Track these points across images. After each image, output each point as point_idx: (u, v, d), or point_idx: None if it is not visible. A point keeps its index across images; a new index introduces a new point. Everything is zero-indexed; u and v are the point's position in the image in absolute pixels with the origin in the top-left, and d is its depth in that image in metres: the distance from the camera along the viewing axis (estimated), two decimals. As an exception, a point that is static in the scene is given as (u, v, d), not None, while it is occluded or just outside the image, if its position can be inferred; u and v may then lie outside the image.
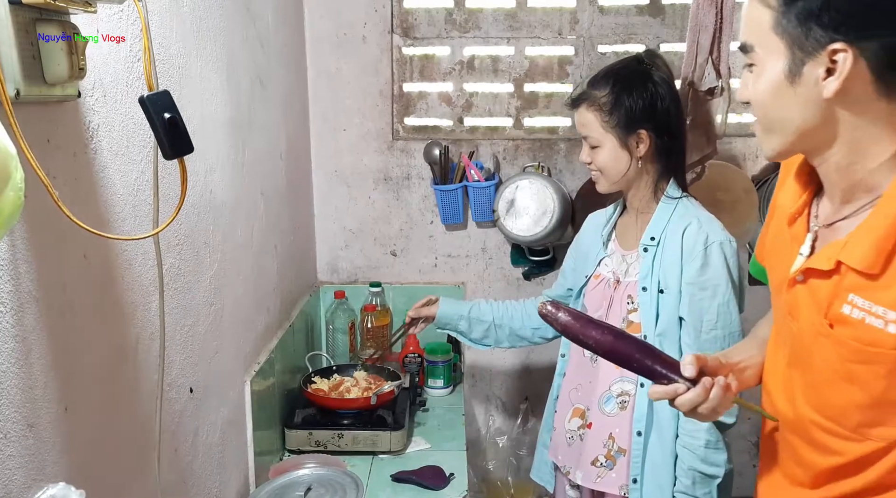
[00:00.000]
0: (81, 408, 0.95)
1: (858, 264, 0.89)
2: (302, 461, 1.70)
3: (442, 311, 1.90)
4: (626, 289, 1.60)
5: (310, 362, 2.15)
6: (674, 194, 1.59)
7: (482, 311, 1.89)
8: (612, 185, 1.62)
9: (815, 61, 0.86)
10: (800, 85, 0.88)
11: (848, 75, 0.84)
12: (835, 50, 0.84)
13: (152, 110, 0.91)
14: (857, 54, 0.83)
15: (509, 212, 2.28)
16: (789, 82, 0.89)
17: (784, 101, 0.90)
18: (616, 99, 1.55)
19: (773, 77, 0.90)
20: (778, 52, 0.88)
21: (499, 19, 2.32)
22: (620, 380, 1.59)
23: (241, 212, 1.62)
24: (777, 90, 0.90)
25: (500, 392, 2.53)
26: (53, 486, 0.86)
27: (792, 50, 0.87)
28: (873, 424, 0.92)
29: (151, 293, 1.14)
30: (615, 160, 1.57)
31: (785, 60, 0.88)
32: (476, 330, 1.89)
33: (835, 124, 0.89)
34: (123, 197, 1.06)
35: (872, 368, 0.90)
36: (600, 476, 1.61)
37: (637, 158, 1.57)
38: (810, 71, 0.87)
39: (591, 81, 1.60)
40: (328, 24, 2.32)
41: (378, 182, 2.43)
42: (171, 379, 1.23)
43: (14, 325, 0.81)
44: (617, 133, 1.56)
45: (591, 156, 1.61)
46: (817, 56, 0.85)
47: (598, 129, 1.57)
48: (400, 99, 2.39)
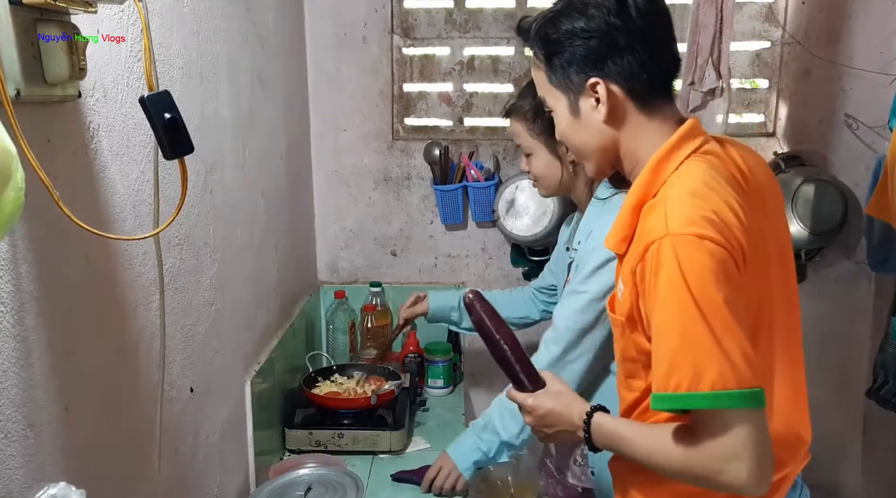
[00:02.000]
0: (82, 408, 0.95)
1: (614, 248, 1.11)
2: (302, 461, 1.71)
3: (433, 306, 1.95)
4: None
5: (310, 362, 2.15)
6: (601, 195, 1.57)
7: None
8: (552, 191, 1.66)
9: (584, 96, 1.09)
10: (582, 117, 1.11)
11: (609, 100, 1.07)
12: (592, 84, 1.07)
13: (152, 110, 0.91)
14: (609, 83, 1.06)
15: (509, 212, 2.28)
16: (574, 117, 1.12)
17: (578, 132, 1.13)
18: (538, 106, 1.53)
19: (564, 117, 1.14)
20: (559, 97, 1.13)
21: (499, 19, 2.32)
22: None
23: (241, 212, 1.62)
24: (570, 125, 1.14)
25: (500, 392, 2.52)
26: (54, 485, 0.86)
27: (567, 93, 1.11)
28: (629, 375, 1.15)
29: (152, 293, 1.14)
30: (548, 167, 1.61)
31: (565, 102, 1.12)
32: (466, 319, 1.93)
33: (616, 140, 1.11)
34: (124, 197, 1.06)
35: (617, 330, 1.13)
36: (584, 474, 1.64)
37: (569, 163, 1.59)
38: (584, 104, 1.10)
39: (518, 92, 1.66)
40: (328, 24, 2.32)
41: (378, 182, 2.43)
42: (171, 379, 1.23)
43: (15, 325, 0.81)
44: (544, 140, 1.58)
45: (528, 164, 1.65)
46: (583, 92, 1.09)
47: (526, 138, 1.61)
48: (400, 99, 2.39)
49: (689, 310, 0.94)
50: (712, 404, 0.94)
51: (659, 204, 1.02)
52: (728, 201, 0.99)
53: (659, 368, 0.98)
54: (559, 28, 1.08)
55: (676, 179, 1.04)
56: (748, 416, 0.94)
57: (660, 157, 1.06)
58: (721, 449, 0.95)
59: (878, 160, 2.17)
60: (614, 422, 1.13)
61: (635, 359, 1.10)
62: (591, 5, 1.06)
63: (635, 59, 1.06)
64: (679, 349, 0.95)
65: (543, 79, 1.14)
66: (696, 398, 0.94)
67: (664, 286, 0.96)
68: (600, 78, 1.06)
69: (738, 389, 0.93)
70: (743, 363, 0.93)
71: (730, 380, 0.92)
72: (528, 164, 1.65)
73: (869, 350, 2.30)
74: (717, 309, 0.94)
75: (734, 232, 0.97)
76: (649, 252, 0.99)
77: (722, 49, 1.87)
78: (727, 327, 0.94)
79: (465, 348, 2.41)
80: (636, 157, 1.10)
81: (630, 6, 1.05)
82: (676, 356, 0.95)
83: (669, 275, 0.96)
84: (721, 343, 0.93)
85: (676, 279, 0.95)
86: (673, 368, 0.95)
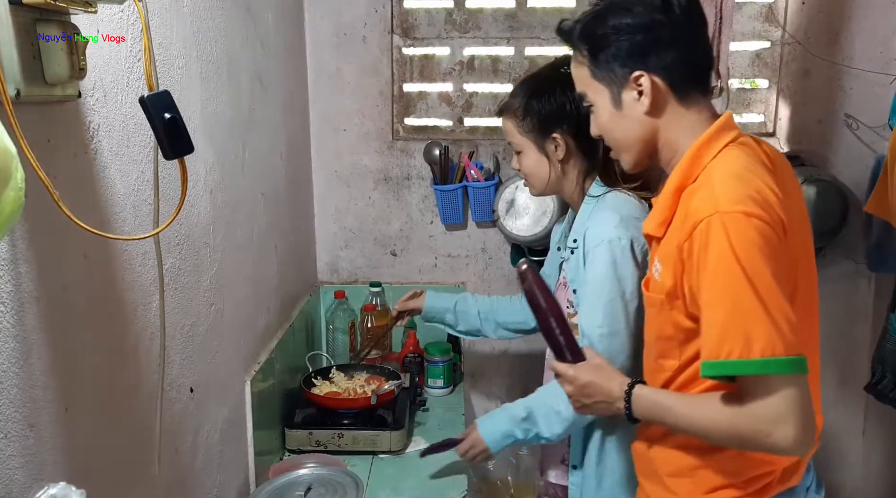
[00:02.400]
0: (82, 408, 0.95)
1: (653, 231, 1.19)
2: (302, 461, 1.70)
3: (428, 304, 1.94)
4: (567, 293, 1.62)
5: (310, 362, 2.15)
6: (595, 193, 1.58)
7: (468, 304, 1.92)
8: (541, 190, 1.65)
9: (627, 89, 1.17)
10: (624, 108, 1.19)
11: (651, 92, 1.14)
12: (636, 77, 1.15)
13: (152, 110, 0.91)
14: (652, 76, 1.14)
15: (509, 212, 2.28)
16: (617, 109, 1.19)
17: (619, 124, 1.21)
18: (527, 104, 1.58)
19: (606, 109, 1.21)
20: (601, 91, 1.20)
21: (499, 20, 2.32)
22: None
23: (241, 212, 1.62)
24: (612, 117, 1.21)
25: (500, 392, 2.53)
26: (54, 485, 0.86)
27: (609, 87, 1.19)
28: (661, 355, 1.21)
29: (152, 293, 1.14)
30: (536, 165, 1.61)
31: (608, 95, 1.19)
32: (462, 322, 1.93)
33: (656, 131, 1.19)
34: (124, 197, 1.06)
35: (652, 310, 1.21)
36: None
37: (556, 162, 1.59)
38: (627, 96, 1.17)
39: (511, 91, 1.65)
40: (328, 24, 2.32)
41: (378, 182, 2.43)
42: (171, 379, 1.23)
43: (14, 325, 0.81)
44: (533, 138, 1.59)
45: (519, 162, 1.65)
46: (627, 85, 1.16)
47: (516, 135, 1.62)
48: (400, 99, 2.39)
49: (740, 282, 1.01)
50: (762, 370, 1.00)
51: (703, 186, 1.10)
52: (767, 183, 1.07)
53: (710, 337, 1.04)
54: (606, 24, 1.16)
55: (717, 165, 1.12)
56: (794, 381, 1.01)
57: (700, 144, 1.14)
58: (769, 412, 1.01)
59: (878, 159, 2.18)
60: (656, 392, 1.19)
61: (671, 337, 1.17)
62: (637, 3, 1.14)
63: (677, 54, 1.14)
64: (730, 319, 1.02)
65: (586, 74, 1.21)
66: (747, 365, 1.00)
67: (714, 260, 1.03)
68: (644, 71, 1.14)
69: (786, 355, 1.00)
70: (789, 332, 1.00)
71: (778, 347, 0.99)
72: (518, 162, 1.66)
73: (869, 350, 2.30)
74: (766, 280, 1.01)
75: (776, 209, 1.05)
76: (698, 230, 1.05)
77: (721, 49, 1.87)
78: (775, 298, 1.01)
79: (464, 348, 2.41)
80: (675, 147, 1.18)
81: (674, 4, 1.13)
82: (728, 326, 1.02)
83: (720, 250, 1.02)
84: (770, 313, 1.00)
85: (726, 253, 1.02)
86: (725, 336, 1.02)
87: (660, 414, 1.16)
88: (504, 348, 2.49)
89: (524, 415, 1.53)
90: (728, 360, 1.01)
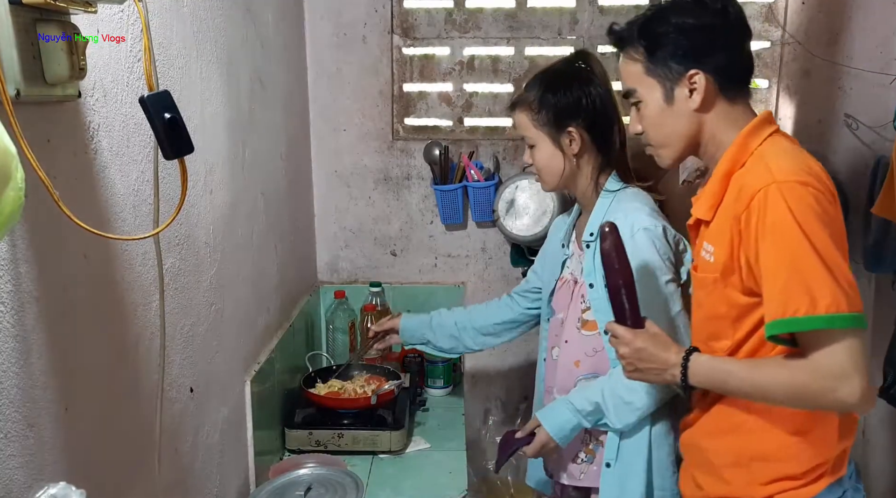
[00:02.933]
0: (81, 408, 0.95)
1: (702, 215, 1.25)
2: (302, 461, 1.70)
3: (404, 324, 1.94)
4: (580, 288, 1.62)
5: (310, 362, 2.15)
6: (612, 187, 1.60)
7: (443, 317, 1.92)
8: (554, 185, 1.65)
9: (680, 86, 1.25)
10: (675, 104, 1.26)
11: (705, 89, 1.23)
12: (691, 75, 1.23)
13: (152, 110, 0.91)
14: (706, 74, 1.23)
15: (509, 212, 2.28)
16: (668, 105, 1.27)
17: (668, 119, 1.28)
18: (542, 97, 1.59)
19: (656, 105, 1.28)
20: (653, 87, 1.27)
21: (499, 20, 2.32)
22: (583, 377, 1.62)
23: (241, 212, 1.62)
24: (661, 112, 1.28)
25: (500, 392, 2.53)
26: (53, 485, 0.86)
27: (663, 83, 1.26)
28: (711, 337, 1.26)
29: (152, 293, 1.14)
30: (550, 159, 1.61)
31: (660, 91, 1.27)
32: (440, 337, 1.91)
33: (702, 126, 1.27)
34: (124, 197, 1.06)
35: (704, 290, 1.26)
36: (583, 472, 1.63)
37: (571, 156, 1.59)
38: (679, 93, 1.25)
39: (525, 84, 1.66)
40: (328, 24, 2.32)
41: (378, 182, 2.43)
42: (171, 379, 1.23)
43: (14, 325, 0.81)
44: (548, 131, 1.60)
45: (531, 156, 1.65)
46: (681, 81, 1.25)
47: (530, 129, 1.62)
48: (400, 99, 2.39)
49: (801, 243, 1.07)
50: (828, 325, 1.06)
51: (756, 165, 1.18)
52: (815, 161, 1.17)
53: (774, 298, 1.10)
54: (669, 23, 1.25)
55: (766, 149, 1.20)
56: (858, 335, 1.08)
57: (747, 133, 1.23)
58: (835, 368, 1.07)
59: (878, 159, 2.18)
60: (714, 358, 1.23)
61: (724, 315, 1.22)
62: (698, 6, 1.24)
63: (728, 56, 1.24)
64: (793, 279, 1.08)
65: (639, 70, 1.28)
66: (814, 320, 1.06)
67: (773, 225, 1.10)
68: (700, 69, 1.23)
69: (850, 311, 1.06)
70: (850, 289, 1.07)
71: (842, 303, 1.06)
72: (531, 155, 1.65)
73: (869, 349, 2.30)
74: (825, 241, 1.07)
75: (825, 180, 1.14)
76: (755, 199, 1.12)
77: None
78: (834, 258, 1.07)
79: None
80: (719, 140, 1.26)
81: (730, 11, 1.24)
82: (791, 285, 1.08)
83: (779, 214, 1.09)
84: (832, 271, 1.06)
85: (786, 218, 1.08)
86: (789, 295, 1.08)
87: (721, 379, 1.20)
88: (504, 348, 2.48)
89: (591, 408, 1.54)
90: (794, 317, 1.07)
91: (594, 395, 1.54)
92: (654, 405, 1.51)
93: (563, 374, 1.66)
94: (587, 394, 1.56)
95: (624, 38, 1.31)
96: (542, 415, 1.60)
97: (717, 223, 1.22)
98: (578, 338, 1.63)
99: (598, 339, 1.59)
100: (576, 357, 1.63)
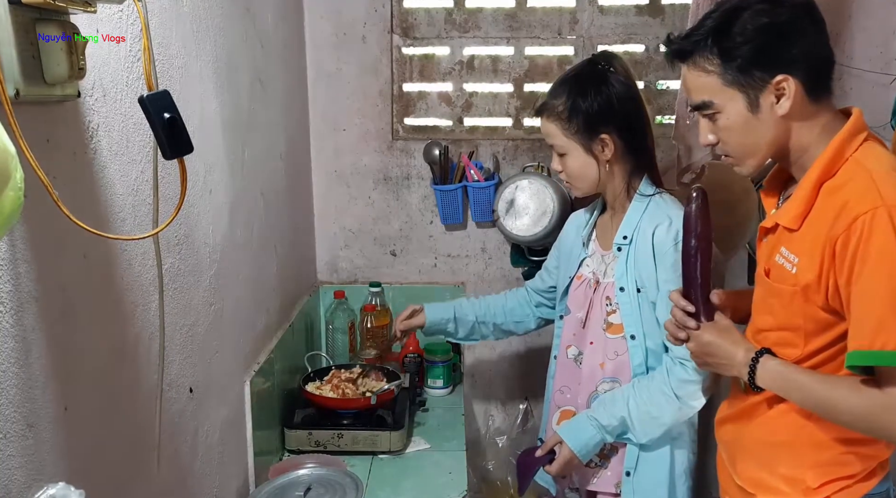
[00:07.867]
0: (81, 408, 0.95)
1: (788, 223, 1.18)
2: (302, 461, 1.70)
3: (430, 319, 1.91)
4: (605, 290, 1.60)
5: (309, 362, 2.15)
6: (646, 192, 1.59)
7: (465, 310, 1.91)
8: (587, 191, 1.63)
9: (765, 93, 1.16)
10: (760, 113, 1.17)
11: (794, 95, 1.14)
12: (779, 81, 1.14)
13: (152, 110, 0.91)
14: (795, 78, 1.14)
15: (509, 212, 2.28)
16: (753, 114, 1.18)
17: (754, 128, 1.19)
18: (573, 105, 1.55)
19: (738, 115, 1.19)
20: (734, 98, 1.18)
21: (498, 19, 2.32)
22: (605, 380, 1.61)
23: (241, 212, 1.62)
24: (746, 122, 1.19)
25: (499, 392, 2.53)
26: (53, 486, 0.86)
27: (745, 92, 1.17)
28: (780, 344, 1.22)
29: (151, 293, 1.14)
30: (583, 167, 1.58)
31: (743, 101, 1.17)
32: (462, 330, 1.92)
33: (788, 132, 1.19)
34: (123, 197, 1.06)
35: (779, 300, 1.20)
36: (596, 476, 1.62)
37: (604, 162, 1.57)
38: (765, 101, 1.16)
39: (550, 91, 1.61)
40: (328, 24, 2.32)
41: (378, 182, 2.43)
42: (170, 379, 1.23)
43: (14, 325, 0.81)
44: (579, 139, 1.56)
45: (561, 164, 1.62)
46: (766, 88, 1.15)
47: (561, 138, 1.58)
48: (400, 99, 2.39)
49: None
50: None
51: (853, 180, 1.11)
52: None
53: (864, 326, 1.06)
54: (744, 27, 1.15)
55: (864, 160, 1.13)
56: None
57: (841, 140, 1.15)
58: None
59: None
60: (787, 365, 1.20)
61: (799, 327, 1.18)
62: (779, 5, 1.15)
63: (812, 57, 1.16)
64: (890, 312, 1.04)
65: (715, 82, 1.18)
66: None
67: (878, 252, 1.04)
68: (788, 74, 1.14)
69: None
70: None
71: None
72: (561, 163, 1.61)
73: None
74: None
75: None
76: (859, 221, 1.06)
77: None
78: None
79: (464, 348, 2.41)
80: (805, 146, 1.19)
81: (813, 9, 1.16)
82: (886, 318, 1.04)
83: (885, 241, 1.04)
84: None
85: (892, 246, 1.04)
86: (882, 327, 1.04)
87: (790, 386, 1.18)
88: (504, 348, 2.49)
89: (616, 423, 1.53)
90: (883, 351, 1.04)
91: (619, 409, 1.53)
92: (682, 419, 1.51)
93: (587, 375, 1.64)
94: (612, 409, 1.54)
95: (688, 50, 1.20)
96: (565, 432, 1.57)
97: (804, 234, 1.16)
98: (603, 340, 1.62)
99: (622, 342, 1.58)
100: (600, 359, 1.62)
